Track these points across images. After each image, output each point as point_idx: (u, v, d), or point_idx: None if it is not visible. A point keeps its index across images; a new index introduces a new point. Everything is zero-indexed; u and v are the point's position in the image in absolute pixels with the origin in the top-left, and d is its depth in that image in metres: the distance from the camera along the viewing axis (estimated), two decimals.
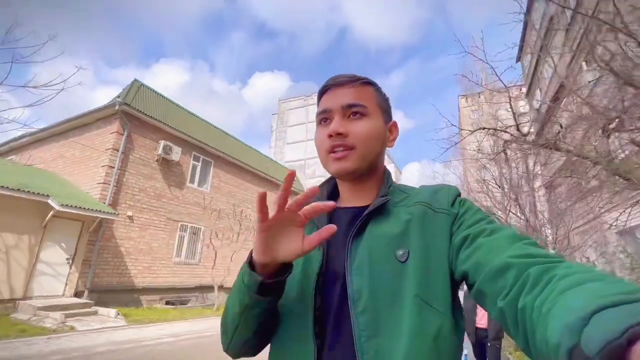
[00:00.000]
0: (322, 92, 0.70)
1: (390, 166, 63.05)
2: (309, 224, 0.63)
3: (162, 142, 11.15)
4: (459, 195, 0.64)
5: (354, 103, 0.64)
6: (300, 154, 43.38)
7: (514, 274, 0.41)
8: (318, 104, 0.70)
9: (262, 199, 0.50)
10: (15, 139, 12.83)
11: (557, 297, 0.32)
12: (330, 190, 0.74)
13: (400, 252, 0.56)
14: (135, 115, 10.44)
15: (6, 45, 5.95)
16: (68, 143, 11.17)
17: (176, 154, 11.52)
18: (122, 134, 10.18)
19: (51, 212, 7.92)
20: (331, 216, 0.67)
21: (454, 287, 0.55)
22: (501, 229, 0.52)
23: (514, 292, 0.39)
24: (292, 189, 0.51)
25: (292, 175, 0.50)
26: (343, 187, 0.71)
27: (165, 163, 11.47)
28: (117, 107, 9.88)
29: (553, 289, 0.34)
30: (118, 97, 10.45)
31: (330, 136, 0.63)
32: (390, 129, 0.71)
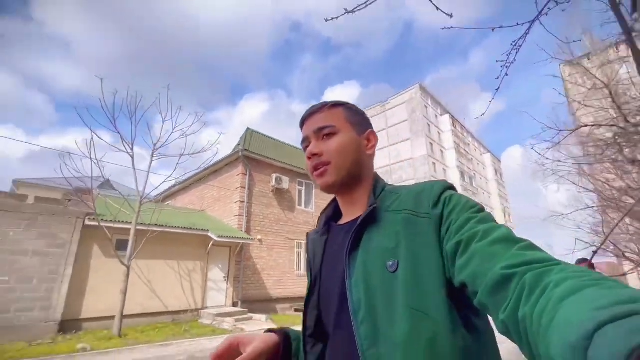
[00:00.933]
0: (301, 125, 0.77)
1: (486, 156, 57.28)
2: (320, 235, 0.77)
3: (274, 175, 13.38)
4: (445, 190, 0.62)
5: (323, 126, 0.71)
6: (385, 161, 43.54)
7: (511, 286, 0.40)
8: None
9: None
10: (169, 189, 16.97)
11: (555, 307, 0.32)
12: (330, 214, 0.79)
13: (390, 263, 0.57)
14: (252, 157, 12.90)
15: (137, 115, 8.51)
16: (207, 187, 14.36)
17: (285, 183, 13.62)
18: (246, 174, 12.68)
19: (211, 242, 10.51)
20: (329, 235, 0.74)
21: (451, 292, 0.54)
22: (493, 230, 0.50)
23: (513, 304, 0.39)
24: None
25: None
26: (340, 203, 0.76)
27: (278, 192, 13.67)
28: (240, 154, 12.44)
29: (550, 297, 0.33)
30: (239, 144, 13.10)
31: (309, 158, 0.71)
32: (367, 137, 0.75)
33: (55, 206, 8.14)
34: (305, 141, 0.74)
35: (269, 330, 0.70)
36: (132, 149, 9.02)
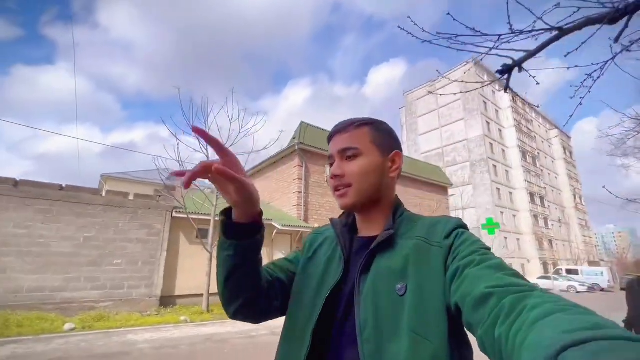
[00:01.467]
0: (328, 140, 0.78)
1: (552, 132, 51.56)
2: (329, 239, 0.80)
3: (328, 166, 13.93)
4: (459, 227, 0.65)
5: (347, 147, 0.72)
6: (436, 143, 41.68)
7: (490, 304, 0.43)
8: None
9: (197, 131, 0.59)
10: None
11: (528, 329, 0.34)
12: (352, 218, 0.80)
13: (399, 286, 0.59)
14: (307, 149, 13.55)
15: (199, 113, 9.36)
16: (265, 179, 15.45)
17: None
18: (302, 166, 13.41)
19: (275, 231, 11.49)
20: (352, 242, 0.75)
21: (453, 319, 0.55)
22: (488, 259, 0.54)
23: (491, 322, 0.41)
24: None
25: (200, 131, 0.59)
26: (357, 218, 0.78)
27: None
28: (296, 147, 13.17)
29: (525, 319, 0.36)
30: (294, 137, 13.82)
31: (332, 178, 0.73)
32: (392, 159, 0.74)
33: (150, 201, 9.62)
34: (331, 159, 0.76)
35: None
36: (207, 150, 10.16)
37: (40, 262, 7.70)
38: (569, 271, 25.90)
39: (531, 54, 2.09)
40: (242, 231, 0.66)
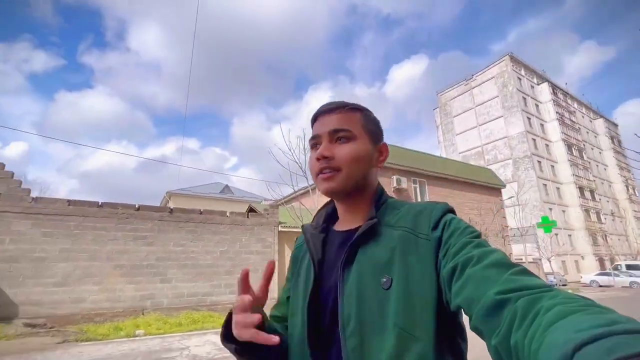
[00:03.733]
0: (313, 120, 0.74)
1: (597, 122, 49.31)
2: (304, 249, 0.75)
3: (395, 177, 15.27)
4: (445, 213, 0.62)
5: (340, 128, 0.68)
6: (475, 142, 41.64)
7: (504, 312, 0.41)
8: (312, 130, 0.74)
9: (245, 277, 0.61)
10: (294, 192, 20.29)
11: (543, 333, 0.33)
12: (330, 212, 0.78)
13: (384, 280, 0.57)
14: None
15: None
16: None
17: (404, 182, 15.39)
18: None
19: None
20: (327, 239, 0.73)
21: (442, 314, 0.54)
22: (488, 254, 0.50)
23: (505, 330, 0.39)
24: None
25: (271, 266, 0.63)
26: (339, 208, 0.75)
27: (398, 191, 15.52)
28: None
29: (540, 323, 0.34)
30: None
31: (318, 159, 0.67)
32: (379, 150, 0.73)
33: (261, 218, 11.45)
34: (316, 139, 0.70)
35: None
36: (304, 174, 11.85)
37: (193, 273, 9.67)
38: (629, 266, 25.20)
39: None
40: (245, 349, 0.62)
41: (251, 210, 14.78)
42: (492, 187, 20.42)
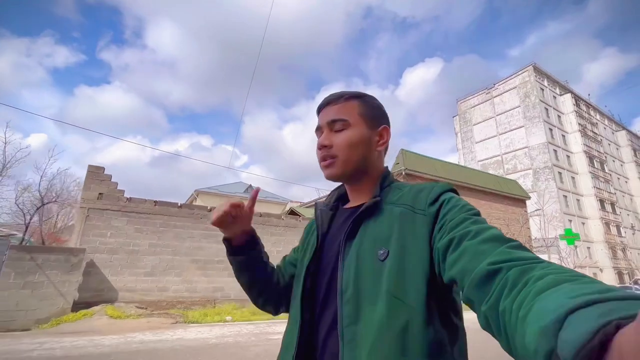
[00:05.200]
0: (317, 112, 0.81)
1: (619, 134, 48.72)
2: (311, 223, 0.87)
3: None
4: (445, 192, 0.65)
5: (336, 118, 0.74)
6: (495, 150, 41.93)
7: (495, 281, 0.42)
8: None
9: (255, 193, 0.79)
10: (319, 198, 21.32)
11: (532, 299, 0.33)
12: (341, 193, 0.84)
13: (381, 252, 0.61)
14: (411, 173, 15.90)
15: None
16: None
17: None
18: None
19: None
20: (334, 215, 0.80)
21: (434, 286, 0.57)
22: (486, 229, 0.52)
23: (495, 297, 0.40)
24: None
25: (257, 190, 0.80)
26: (347, 190, 0.81)
27: None
28: (403, 172, 15.57)
29: (529, 291, 0.34)
30: (397, 163, 16.25)
31: (319, 148, 0.75)
32: (379, 133, 0.77)
33: (294, 220, 12.50)
34: (319, 130, 0.78)
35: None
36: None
37: None
38: None
39: None
40: (238, 250, 0.82)
41: (291, 212, 15.97)
42: (517, 199, 21.05)
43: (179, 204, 10.25)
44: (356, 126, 0.74)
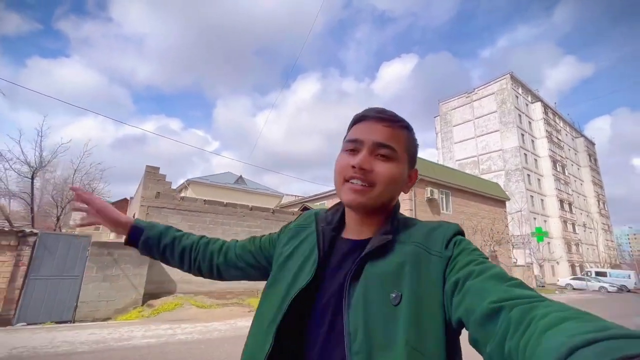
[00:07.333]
0: (357, 120, 0.71)
1: (578, 140, 54.17)
2: (309, 233, 0.74)
3: (428, 188, 17.86)
4: (457, 234, 0.62)
5: (386, 144, 0.65)
6: (472, 151, 45.09)
7: (498, 319, 0.41)
8: (349, 130, 0.72)
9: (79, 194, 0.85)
10: (322, 193, 22.55)
11: (537, 339, 0.33)
12: (339, 217, 0.74)
13: (394, 295, 0.55)
14: None
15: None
16: None
17: (435, 193, 18.03)
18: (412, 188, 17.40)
19: None
20: (334, 245, 0.70)
21: (450, 333, 0.54)
22: (488, 269, 0.51)
23: (499, 337, 0.39)
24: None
25: (76, 189, 0.84)
26: (350, 217, 0.71)
27: (430, 200, 18.16)
28: None
29: (534, 331, 0.34)
30: None
31: (354, 167, 0.64)
32: (410, 175, 0.71)
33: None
34: (356, 143, 0.67)
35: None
36: None
37: None
38: (598, 273, 29.28)
39: None
40: (131, 244, 0.87)
41: (305, 209, 17.09)
42: (499, 200, 23.52)
43: (225, 203, 11.04)
44: (401, 161, 0.67)
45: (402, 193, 0.71)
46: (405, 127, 0.70)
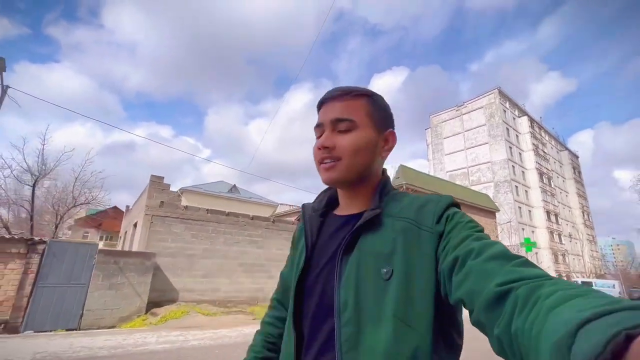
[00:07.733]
0: (319, 106, 0.73)
1: (563, 154, 56.16)
2: (300, 227, 0.76)
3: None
4: (449, 206, 0.61)
5: (341, 118, 0.67)
6: (461, 163, 46.28)
7: (506, 303, 0.40)
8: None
9: None
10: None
11: (544, 317, 0.32)
12: (331, 197, 0.78)
13: (385, 270, 0.57)
14: (410, 187, 18.00)
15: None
16: None
17: None
18: None
19: None
20: (324, 221, 0.73)
21: (441, 307, 0.54)
22: (489, 246, 0.50)
23: (507, 319, 0.39)
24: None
25: None
26: (340, 195, 0.74)
27: None
28: (403, 186, 17.60)
29: (540, 308, 0.34)
30: (397, 177, 18.28)
31: (319, 149, 0.67)
32: (386, 138, 0.71)
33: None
34: (319, 127, 0.70)
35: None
36: None
37: None
38: (584, 283, 30.15)
39: None
40: None
41: None
42: (489, 211, 24.23)
43: (227, 212, 11.24)
44: (363, 128, 0.67)
45: (378, 160, 0.71)
46: (362, 95, 0.70)
